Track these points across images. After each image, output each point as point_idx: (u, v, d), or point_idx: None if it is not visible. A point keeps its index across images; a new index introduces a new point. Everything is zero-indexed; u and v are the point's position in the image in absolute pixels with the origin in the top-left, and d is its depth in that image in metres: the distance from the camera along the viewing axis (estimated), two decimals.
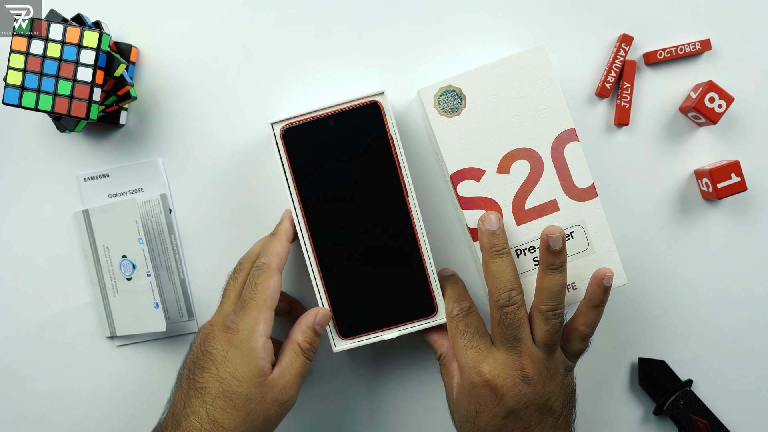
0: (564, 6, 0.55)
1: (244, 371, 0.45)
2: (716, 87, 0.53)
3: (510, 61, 0.50)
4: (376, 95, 0.49)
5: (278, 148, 0.49)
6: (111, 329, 0.56)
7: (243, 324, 0.46)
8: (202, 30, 0.55)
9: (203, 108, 0.55)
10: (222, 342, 0.46)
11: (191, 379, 0.46)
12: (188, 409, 0.45)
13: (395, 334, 0.50)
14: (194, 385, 0.46)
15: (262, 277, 0.47)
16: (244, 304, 0.47)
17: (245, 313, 0.46)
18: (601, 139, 0.56)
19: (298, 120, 0.49)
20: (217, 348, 0.46)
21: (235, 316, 0.46)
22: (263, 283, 0.47)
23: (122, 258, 0.54)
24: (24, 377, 0.57)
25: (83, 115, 0.49)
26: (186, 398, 0.46)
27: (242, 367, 0.45)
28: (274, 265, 0.48)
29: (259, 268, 0.47)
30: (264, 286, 0.47)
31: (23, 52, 0.48)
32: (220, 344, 0.46)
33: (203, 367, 0.46)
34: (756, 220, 0.56)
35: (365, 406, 0.58)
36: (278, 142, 0.49)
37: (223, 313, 0.48)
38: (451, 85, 0.50)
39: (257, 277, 0.47)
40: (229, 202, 0.55)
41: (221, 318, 0.48)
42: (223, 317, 0.47)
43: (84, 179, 0.56)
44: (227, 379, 0.45)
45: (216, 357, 0.46)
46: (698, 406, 0.56)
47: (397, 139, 0.49)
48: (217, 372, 0.45)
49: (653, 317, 0.57)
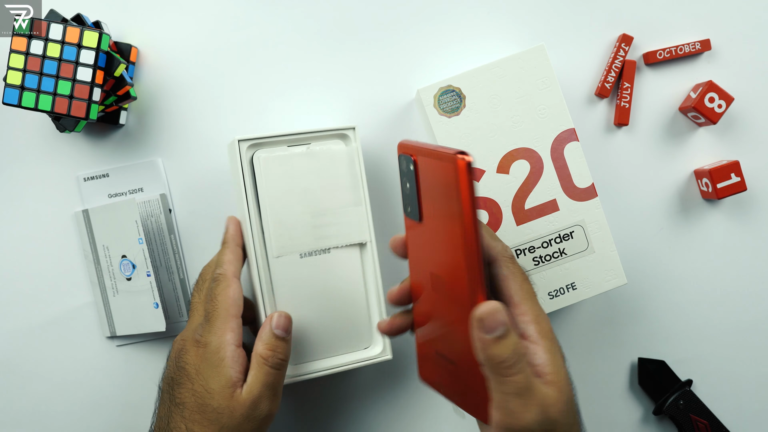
0: (564, 6, 0.55)
1: (215, 383, 0.45)
2: (716, 87, 0.53)
3: (510, 61, 0.50)
4: (347, 129, 0.50)
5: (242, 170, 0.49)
6: (111, 329, 0.56)
7: (210, 336, 0.46)
8: (201, 30, 0.55)
9: (203, 108, 0.55)
10: (193, 356, 0.46)
11: (171, 395, 0.46)
12: (171, 424, 0.46)
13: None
14: (174, 401, 0.46)
15: (219, 287, 0.47)
16: (208, 317, 0.46)
17: (211, 325, 0.46)
18: (601, 139, 0.56)
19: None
20: (189, 363, 0.46)
21: (203, 329, 0.46)
22: (222, 293, 0.47)
23: (122, 258, 0.54)
24: (24, 377, 0.57)
25: (83, 115, 0.49)
26: (168, 413, 0.46)
27: (213, 380, 0.45)
28: (230, 273, 0.47)
29: (215, 280, 0.47)
30: (223, 296, 0.46)
31: (23, 52, 0.48)
32: (192, 359, 0.46)
33: (180, 382, 0.46)
34: (756, 220, 0.56)
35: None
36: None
37: (192, 326, 0.48)
38: (450, 85, 0.50)
39: (215, 289, 0.47)
40: (229, 202, 0.55)
41: (191, 332, 0.47)
42: (193, 331, 0.47)
43: (84, 179, 0.56)
44: (201, 392, 0.45)
45: (190, 372, 0.46)
46: (698, 406, 0.56)
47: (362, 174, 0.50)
48: (192, 387, 0.45)
49: (653, 317, 0.57)
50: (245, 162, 0.49)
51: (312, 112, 0.55)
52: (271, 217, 0.49)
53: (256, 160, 0.49)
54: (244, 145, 0.48)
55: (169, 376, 0.47)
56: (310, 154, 0.49)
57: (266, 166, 0.49)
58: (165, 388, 0.47)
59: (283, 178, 0.49)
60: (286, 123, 0.55)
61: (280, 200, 0.49)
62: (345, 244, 0.50)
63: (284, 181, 0.49)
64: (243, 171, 0.48)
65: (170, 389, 0.47)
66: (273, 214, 0.49)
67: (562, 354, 0.41)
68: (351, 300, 0.51)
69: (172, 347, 0.49)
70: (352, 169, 0.50)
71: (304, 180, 0.49)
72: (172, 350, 0.48)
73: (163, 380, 0.48)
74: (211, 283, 0.48)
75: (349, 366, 0.50)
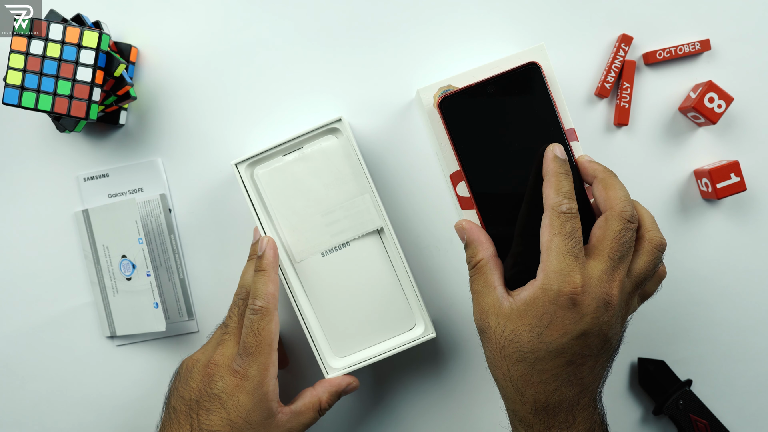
0: (563, 6, 0.55)
1: (257, 416, 0.46)
2: (716, 87, 0.53)
3: (510, 61, 0.50)
4: (334, 122, 0.50)
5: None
6: (111, 329, 0.56)
7: (252, 370, 0.46)
8: (201, 30, 0.55)
9: (203, 108, 0.55)
10: (231, 386, 0.46)
11: (195, 419, 0.46)
12: None
13: None
14: (200, 426, 0.46)
15: (263, 322, 0.47)
16: (249, 350, 0.46)
17: (253, 359, 0.46)
18: (601, 139, 0.56)
19: (454, 90, 0.48)
20: (225, 392, 0.46)
21: (243, 361, 0.46)
22: (266, 329, 0.47)
23: (122, 258, 0.54)
24: (24, 377, 0.57)
25: (83, 115, 0.49)
26: None
27: (255, 412, 0.46)
28: (272, 306, 0.47)
29: (258, 313, 0.47)
30: (267, 331, 0.47)
31: (23, 52, 0.48)
32: (229, 388, 0.46)
33: (210, 409, 0.46)
34: (755, 220, 0.56)
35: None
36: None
37: (226, 353, 0.48)
38: (450, 85, 0.50)
39: (258, 323, 0.47)
40: (228, 202, 0.55)
41: (226, 359, 0.47)
42: (229, 359, 0.47)
43: (84, 179, 0.56)
44: (239, 423, 0.46)
45: (225, 401, 0.46)
46: (698, 406, 0.56)
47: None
48: (228, 416, 0.46)
49: (653, 317, 0.57)
50: (247, 181, 0.51)
51: (312, 112, 0.55)
52: (284, 227, 0.51)
53: (257, 178, 0.51)
54: (241, 167, 0.51)
55: (192, 399, 0.47)
56: (304, 158, 0.50)
57: (267, 180, 0.51)
58: (182, 409, 0.47)
59: (287, 187, 0.51)
60: (288, 124, 0.55)
61: (289, 208, 0.51)
62: (361, 234, 0.51)
63: (288, 189, 0.51)
64: (248, 191, 0.51)
65: (193, 413, 0.46)
66: (285, 223, 0.51)
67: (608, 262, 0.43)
68: (383, 285, 0.52)
69: (187, 366, 0.49)
70: (349, 159, 0.51)
71: (306, 183, 0.51)
72: (193, 371, 0.48)
73: (174, 398, 0.48)
74: (251, 314, 0.47)
75: (396, 350, 0.51)
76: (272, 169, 0.51)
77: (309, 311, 0.52)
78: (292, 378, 0.57)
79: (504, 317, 0.44)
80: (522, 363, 0.43)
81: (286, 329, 0.56)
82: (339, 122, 0.50)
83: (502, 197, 0.48)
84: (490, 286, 0.45)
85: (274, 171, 0.51)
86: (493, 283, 0.45)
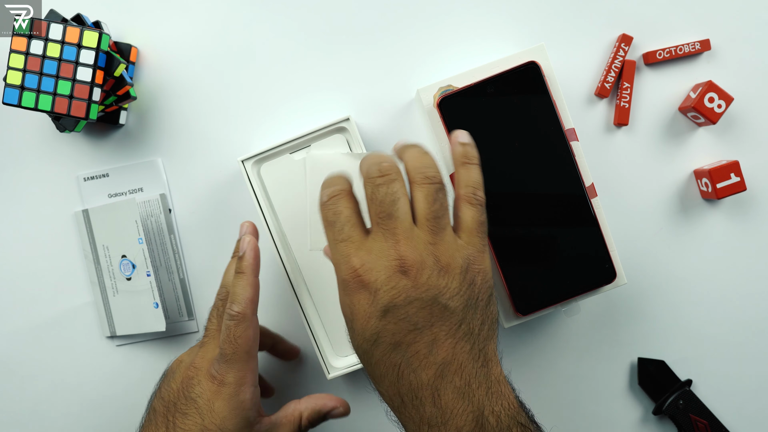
0: (564, 6, 0.55)
1: (232, 424, 0.44)
2: (716, 87, 0.53)
3: (509, 60, 0.50)
4: (342, 121, 0.50)
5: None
6: (111, 329, 0.56)
7: (229, 377, 0.44)
8: (201, 30, 0.55)
9: (203, 108, 0.55)
10: (208, 391, 0.44)
11: (171, 422, 0.45)
12: None
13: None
14: (174, 430, 0.44)
15: (239, 329, 0.45)
16: (226, 357, 0.44)
17: (230, 366, 0.44)
18: (601, 139, 0.56)
19: (454, 90, 0.49)
20: (202, 397, 0.44)
21: (220, 367, 0.45)
22: (242, 335, 0.45)
23: (122, 258, 0.54)
24: (24, 377, 0.57)
25: (83, 115, 0.49)
26: None
27: (230, 420, 0.44)
28: (249, 312, 0.45)
29: (234, 319, 0.45)
30: (244, 338, 0.45)
31: (23, 52, 0.48)
32: (206, 393, 0.44)
33: (185, 413, 0.44)
34: (755, 220, 0.56)
35: None
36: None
37: (207, 356, 0.46)
38: (450, 85, 0.50)
39: (234, 329, 0.45)
40: (229, 202, 0.55)
41: (206, 363, 0.46)
42: (208, 363, 0.45)
43: (84, 179, 0.56)
44: (213, 430, 0.44)
45: (201, 406, 0.44)
46: (698, 406, 0.56)
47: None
48: (202, 422, 0.44)
49: (653, 317, 0.57)
50: (253, 177, 0.51)
51: (312, 112, 0.55)
52: (291, 219, 0.52)
53: (264, 174, 0.52)
54: (248, 164, 0.51)
55: (170, 401, 0.46)
56: (311, 157, 0.50)
57: (275, 177, 0.52)
58: (161, 410, 0.46)
59: (294, 184, 0.51)
60: (288, 124, 0.55)
61: (296, 205, 0.52)
62: None
63: (295, 186, 0.51)
64: (253, 186, 0.51)
65: (170, 415, 0.45)
66: (292, 219, 0.52)
67: None
68: None
69: (171, 367, 0.48)
70: None
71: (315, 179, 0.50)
72: (176, 372, 0.47)
73: (156, 398, 0.47)
74: (228, 320, 0.45)
75: None
76: (280, 167, 0.51)
77: (311, 309, 0.52)
78: (292, 378, 0.57)
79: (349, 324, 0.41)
80: (366, 365, 0.41)
81: (288, 328, 0.56)
82: (347, 121, 0.51)
83: (502, 197, 0.48)
84: None
85: (281, 168, 0.51)
86: None
